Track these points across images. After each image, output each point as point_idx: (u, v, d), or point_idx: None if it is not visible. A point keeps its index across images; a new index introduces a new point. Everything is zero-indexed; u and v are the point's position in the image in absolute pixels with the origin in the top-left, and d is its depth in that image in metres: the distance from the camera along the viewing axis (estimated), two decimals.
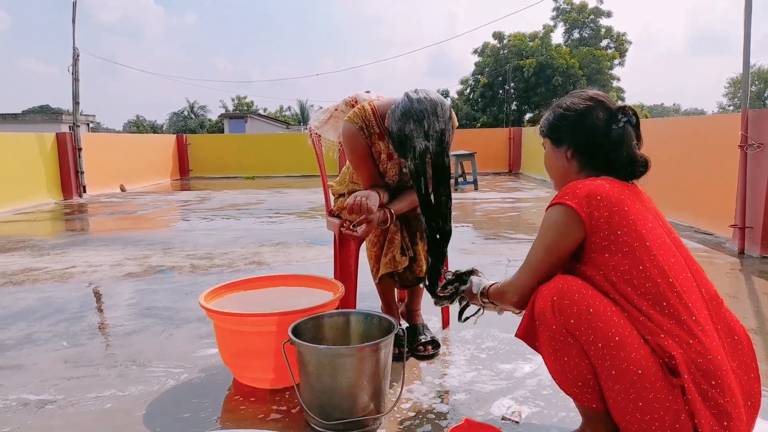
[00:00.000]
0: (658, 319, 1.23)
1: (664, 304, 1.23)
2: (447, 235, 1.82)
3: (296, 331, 1.72)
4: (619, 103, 1.46)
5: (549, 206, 1.37)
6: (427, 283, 1.83)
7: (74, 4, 9.10)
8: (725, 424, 1.17)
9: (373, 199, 2.01)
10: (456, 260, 2.62)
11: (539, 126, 1.57)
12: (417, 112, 1.79)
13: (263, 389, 1.92)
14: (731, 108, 37.83)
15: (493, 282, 1.62)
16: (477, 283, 1.68)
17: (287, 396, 1.88)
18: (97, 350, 2.36)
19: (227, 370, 2.05)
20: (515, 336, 1.46)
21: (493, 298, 1.59)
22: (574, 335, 1.27)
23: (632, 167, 1.41)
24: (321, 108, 2.80)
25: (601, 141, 1.42)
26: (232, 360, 1.98)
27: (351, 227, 1.98)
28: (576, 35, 30.06)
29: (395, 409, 1.76)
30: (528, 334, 1.41)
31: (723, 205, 4.45)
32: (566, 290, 1.29)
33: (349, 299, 2.33)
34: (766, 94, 38.32)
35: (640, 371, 1.19)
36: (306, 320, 1.79)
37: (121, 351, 2.34)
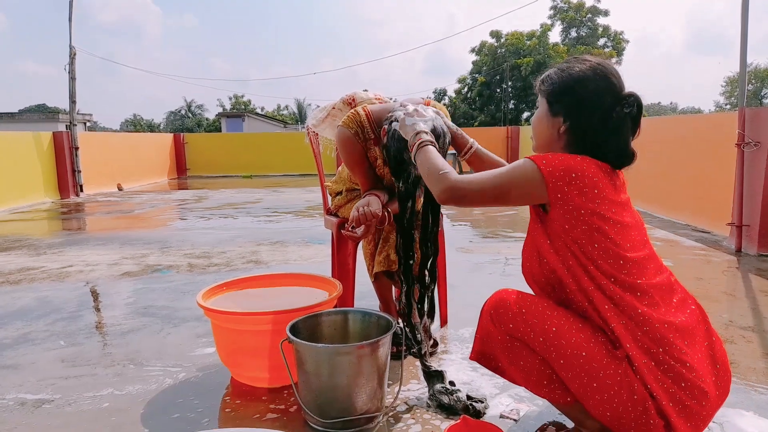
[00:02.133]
0: (610, 288, 1.24)
1: (613, 279, 1.24)
2: (425, 258, 1.87)
3: (294, 330, 1.71)
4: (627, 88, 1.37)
5: (526, 158, 1.32)
6: (402, 325, 1.88)
7: (71, 4, 9.07)
8: (683, 385, 1.18)
9: (374, 204, 2.01)
10: (455, 259, 2.62)
11: (539, 81, 1.46)
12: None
13: (261, 388, 1.92)
14: (728, 107, 37.91)
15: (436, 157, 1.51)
16: (416, 126, 1.62)
17: (285, 395, 1.88)
18: (95, 349, 2.35)
19: (225, 369, 2.05)
20: (470, 359, 1.51)
21: (422, 159, 1.51)
22: (517, 337, 1.33)
23: (619, 159, 1.36)
24: (319, 107, 2.80)
25: (599, 126, 1.35)
26: (229, 359, 1.97)
27: (350, 228, 1.99)
28: (573, 34, 30.13)
29: (393, 407, 1.76)
30: (482, 354, 1.46)
31: (720, 203, 4.46)
32: (498, 300, 1.38)
33: (347, 298, 2.32)
34: (762, 93, 38.41)
35: (584, 353, 1.21)
36: (304, 319, 1.79)
37: (118, 350, 2.34)
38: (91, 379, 2.05)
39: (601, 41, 29.44)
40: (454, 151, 1.85)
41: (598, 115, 1.35)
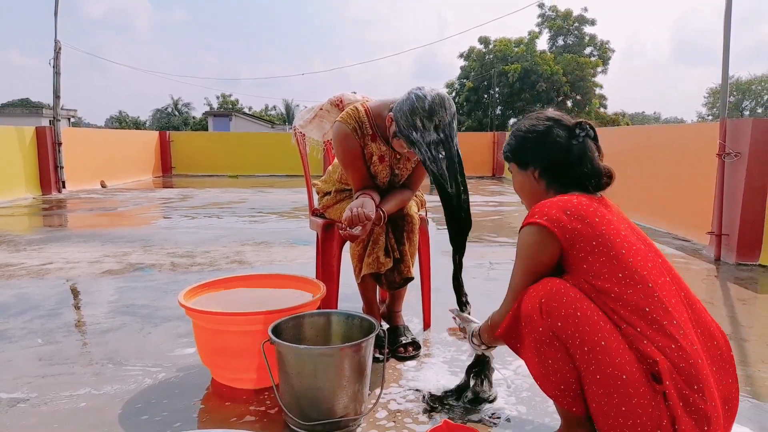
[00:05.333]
0: (640, 324, 1.24)
1: (646, 309, 1.25)
2: (467, 225, 1.89)
3: (276, 331, 1.71)
4: (573, 119, 1.51)
5: (522, 227, 1.41)
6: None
7: None
8: (705, 428, 1.18)
9: (368, 206, 2.01)
10: (439, 262, 2.62)
11: (502, 151, 1.62)
12: (427, 109, 1.84)
13: (242, 389, 1.91)
14: (710, 117, 38.56)
15: (480, 322, 1.68)
16: (468, 330, 1.73)
17: (266, 396, 1.86)
18: (73, 348, 2.32)
19: (206, 370, 2.03)
20: (495, 335, 1.47)
21: (486, 336, 1.63)
22: (560, 338, 1.28)
23: (597, 179, 1.46)
24: (306, 107, 2.79)
25: (565, 157, 1.47)
26: (210, 359, 1.95)
27: (348, 228, 1.98)
28: (560, 42, 30.42)
29: (375, 410, 1.76)
30: (510, 333, 1.42)
31: (700, 212, 4.53)
32: (554, 292, 1.30)
33: (330, 300, 2.32)
34: (743, 105, 39.13)
35: (624, 376, 1.20)
36: (286, 320, 1.78)
37: (97, 349, 2.31)
38: (68, 378, 2.02)
39: (588, 50, 29.78)
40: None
41: (558, 152, 1.47)
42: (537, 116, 1.54)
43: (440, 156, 1.83)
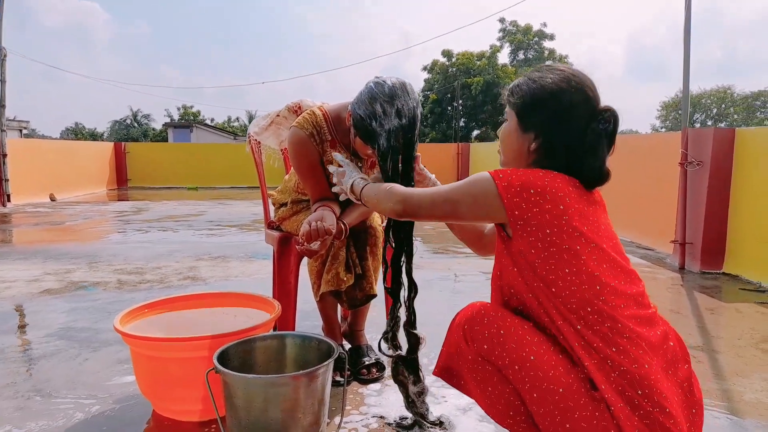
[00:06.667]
0: (580, 327, 1.11)
1: (588, 309, 1.11)
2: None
3: (223, 358, 1.53)
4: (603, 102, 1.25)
5: (486, 171, 1.21)
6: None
7: (1, 1, 8.52)
8: None
9: (328, 219, 1.84)
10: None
11: (508, 91, 1.32)
12: (387, 93, 1.65)
13: (186, 422, 1.71)
14: (663, 129, 39.91)
15: (373, 181, 1.51)
16: (348, 177, 1.55)
17: (213, 429, 1.68)
18: None
19: (146, 401, 1.82)
20: (432, 374, 1.34)
21: (368, 192, 1.45)
22: (491, 361, 1.18)
23: (594, 179, 1.25)
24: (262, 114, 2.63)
25: (574, 144, 1.22)
26: (150, 390, 1.75)
27: (305, 244, 1.80)
28: (521, 56, 31.10)
29: None
30: (447, 371, 1.30)
31: (664, 221, 4.54)
32: (474, 315, 1.22)
33: (287, 319, 2.14)
34: (694, 118, 40.72)
35: (561, 389, 1.08)
36: (235, 345, 1.60)
37: (24, 379, 2.07)
38: None
39: (548, 63, 30.50)
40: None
41: (572, 133, 1.22)
42: (569, 80, 1.22)
43: (399, 141, 1.60)
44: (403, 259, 1.62)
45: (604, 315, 1.10)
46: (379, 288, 2.12)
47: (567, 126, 1.22)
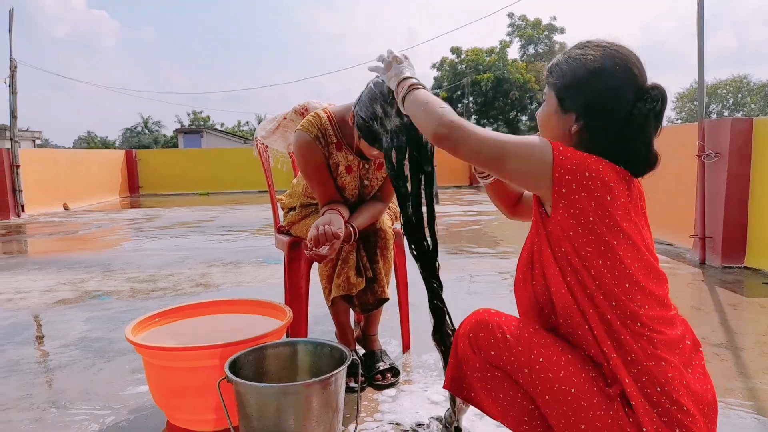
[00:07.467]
0: (611, 317, 1.07)
1: (614, 304, 1.07)
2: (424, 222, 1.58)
3: (235, 366, 1.50)
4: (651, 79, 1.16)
5: (546, 139, 1.13)
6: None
7: (11, 13, 8.62)
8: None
9: (336, 222, 1.81)
10: (417, 278, 2.44)
11: (547, 70, 1.24)
12: (387, 93, 1.59)
13: None
14: (679, 121, 39.42)
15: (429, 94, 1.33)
16: (396, 73, 1.41)
17: None
18: (12, 390, 2.07)
19: (159, 411, 1.80)
20: (443, 387, 1.30)
21: (418, 97, 1.31)
22: (499, 366, 1.15)
23: (642, 164, 1.15)
24: (269, 117, 2.61)
25: (619, 126, 1.13)
26: (163, 400, 1.73)
27: (309, 247, 1.77)
28: (531, 50, 30.89)
29: None
30: (457, 384, 1.26)
31: (683, 215, 4.45)
32: (479, 323, 1.19)
33: (299, 325, 2.12)
34: (710, 109, 40.17)
35: (573, 389, 1.05)
36: (246, 353, 1.57)
37: (39, 391, 2.06)
38: (2, 426, 1.77)
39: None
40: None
41: (618, 114, 1.13)
42: (613, 57, 1.14)
43: (402, 140, 1.53)
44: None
45: (628, 312, 1.07)
46: (391, 291, 2.08)
47: (611, 107, 1.14)
